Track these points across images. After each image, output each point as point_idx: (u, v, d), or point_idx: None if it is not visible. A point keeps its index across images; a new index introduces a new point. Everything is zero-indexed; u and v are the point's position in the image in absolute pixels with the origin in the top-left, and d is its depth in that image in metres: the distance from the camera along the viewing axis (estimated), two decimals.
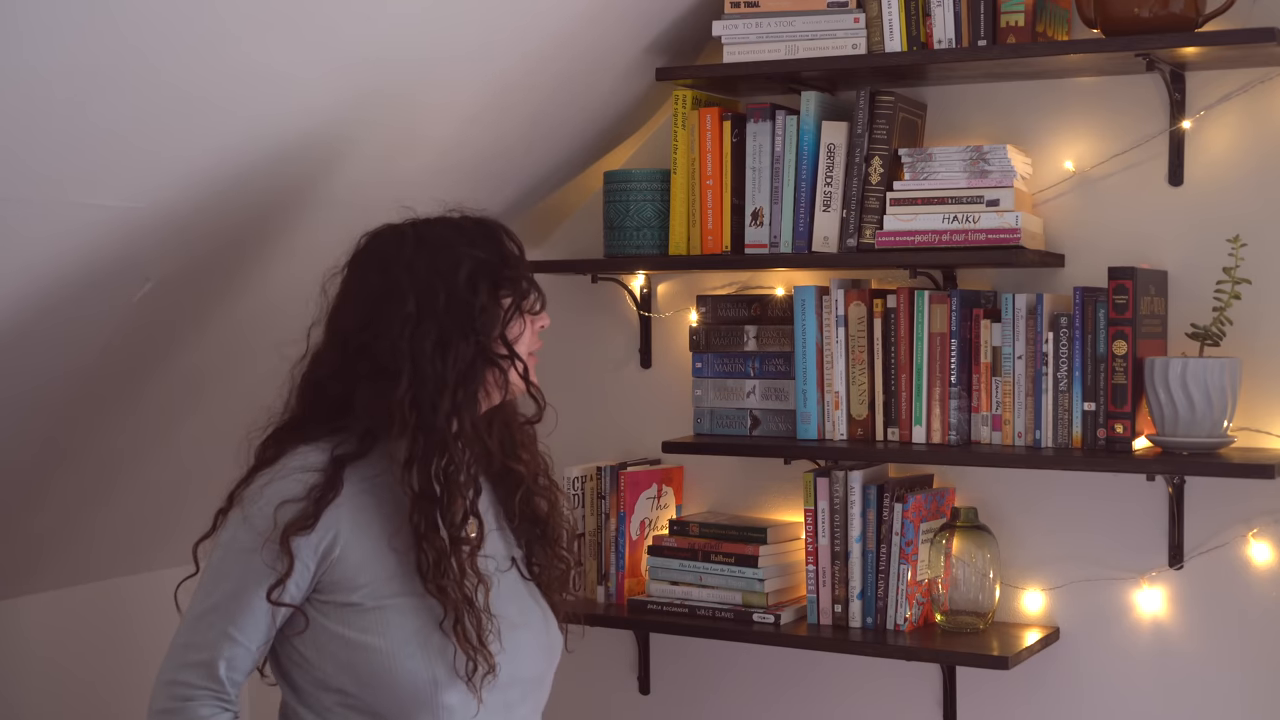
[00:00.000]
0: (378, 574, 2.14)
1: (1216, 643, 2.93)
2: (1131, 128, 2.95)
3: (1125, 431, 2.79)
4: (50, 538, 2.97)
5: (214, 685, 2.09)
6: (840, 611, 3.03)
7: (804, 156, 3.00)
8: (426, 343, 2.14)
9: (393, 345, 2.14)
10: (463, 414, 2.16)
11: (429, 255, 2.18)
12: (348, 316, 2.20)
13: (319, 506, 2.10)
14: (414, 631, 2.13)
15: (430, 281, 2.16)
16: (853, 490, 3.01)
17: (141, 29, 2.08)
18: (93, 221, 2.33)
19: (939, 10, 2.88)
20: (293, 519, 2.09)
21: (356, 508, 2.14)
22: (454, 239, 2.20)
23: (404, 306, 2.15)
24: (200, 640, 2.10)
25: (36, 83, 2.04)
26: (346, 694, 2.13)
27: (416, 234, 2.21)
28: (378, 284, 2.18)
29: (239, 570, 2.10)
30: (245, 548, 2.10)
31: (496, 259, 2.21)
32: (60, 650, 3.13)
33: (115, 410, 2.78)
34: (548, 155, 3.16)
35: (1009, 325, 2.90)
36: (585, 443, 3.37)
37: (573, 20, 2.78)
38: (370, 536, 2.14)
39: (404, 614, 2.13)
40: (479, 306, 2.17)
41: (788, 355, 3.10)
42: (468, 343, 2.15)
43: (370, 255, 2.22)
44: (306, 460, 2.14)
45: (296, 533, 2.09)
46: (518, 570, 2.31)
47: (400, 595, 2.14)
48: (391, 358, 2.14)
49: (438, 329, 2.15)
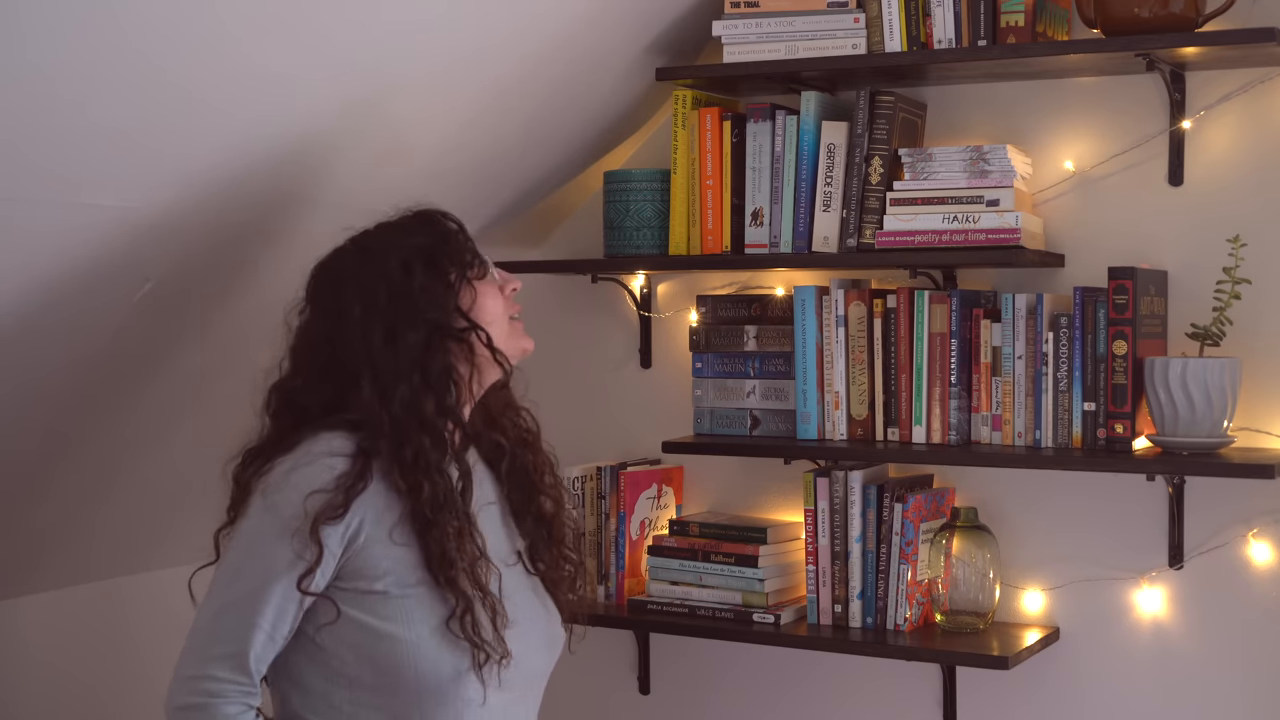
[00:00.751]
0: (401, 562, 2.13)
1: (1216, 643, 2.93)
2: (1131, 128, 2.95)
3: (1125, 431, 2.79)
4: (50, 537, 2.97)
5: (243, 679, 2.05)
6: (840, 611, 3.03)
7: (804, 156, 3.00)
8: (375, 338, 2.16)
9: (349, 351, 2.17)
10: (425, 398, 2.16)
11: (367, 260, 2.22)
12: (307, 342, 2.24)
13: (349, 496, 2.09)
14: (437, 622, 2.12)
15: (371, 283, 2.19)
16: (853, 490, 3.01)
17: (144, 29, 2.08)
18: (93, 221, 2.33)
19: (939, 10, 2.88)
20: (322, 507, 2.07)
21: (379, 495, 2.13)
22: (390, 237, 2.24)
23: (351, 314, 2.18)
24: (227, 632, 2.06)
25: (39, 81, 2.03)
26: (361, 686, 2.12)
27: (356, 246, 2.25)
28: (331, 301, 2.21)
29: (265, 559, 2.07)
30: (271, 536, 2.08)
31: (431, 240, 2.23)
32: (60, 650, 3.13)
33: (115, 410, 2.78)
34: (547, 156, 3.16)
35: (1009, 325, 2.90)
36: (585, 443, 3.37)
37: (572, 21, 2.78)
38: (391, 527, 2.14)
39: (426, 604, 2.13)
40: (418, 288, 2.18)
41: (788, 355, 3.10)
42: (416, 327, 2.17)
43: (321, 282, 2.25)
44: (331, 445, 2.13)
45: (326, 521, 2.07)
46: (523, 565, 2.31)
47: (423, 585, 2.13)
48: (352, 363, 2.17)
49: (383, 322, 2.17)
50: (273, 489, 2.10)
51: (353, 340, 2.17)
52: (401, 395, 2.14)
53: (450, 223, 2.28)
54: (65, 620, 3.13)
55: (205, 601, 2.11)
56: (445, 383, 2.19)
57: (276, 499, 2.09)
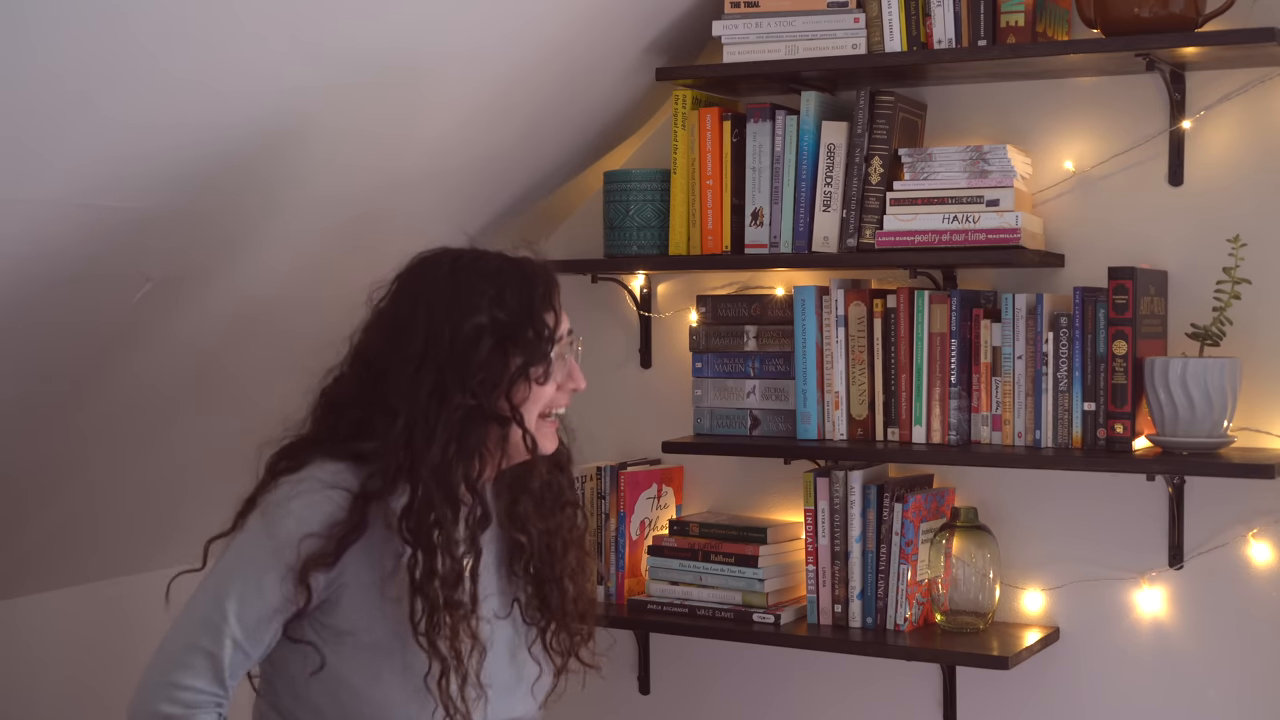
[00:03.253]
0: (374, 614, 2.08)
1: (1216, 643, 2.93)
2: (1131, 128, 2.95)
3: (1125, 431, 2.79)
4: (50, 538, 2.97)
5: (218, 690, 2.03)
6: (840, 611, 3.03)
7: (804, 156, 3.00)
8: (424, 387, 2.07)
9: (396, 382, 2.09)
10: (453, 469, 2.08)
11: (452, 294, 2.11)
12: (369, 340, 2.16)
13: (341, 546, 2.04)
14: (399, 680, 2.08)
15: (441, 324, 2.09)
16: (853, 490, 3.01)
17: (145, 29, 2.08)
18: (93, 221, 2.33)
19: (939, 10, 2.88)
20: (314, 554, 2.03)
21: (368, 543, 2.08)
22: (483, 283, 2.12)
23: (413, 344, 2.09)
24: (207, 642, 2.03)
25: (39, 82, 2.03)
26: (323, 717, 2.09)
27: (452, 268, 2.14)
28: (403, 312, 2.12)
29: (252, 579, 2.05)
30: (262, 558, 2.05)
31: (516, 315, 2.12)
32: (60, 650, 3.13)
33: (115, 410, 2.78)
34: (547, 155, 3.16)
35: (1009, 325, 2.90)
36: (585, 443, 3.33)
37: (572, 21, 2.78)
38: (374, 573, 2.08)
39: (393, 659, 2.08)
40: (478, 362, 2.09)
41: (788, 355, 3.10)
42: (464, 396, 2.08)
43: (406, 279, 2.16)
44: (337, 478, 2.08)
45: (316, 568, 2.04)
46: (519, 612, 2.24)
47: (394, 640, 2.08)
48: (395, 394, 2.09)
49: (436, 374, 2.08)
50: (273, 510, 2.07)
51: (402, 374, 2.08)
52: (432, 458, 2.06)
53: (548, 305, 2.15)
54: (65, 620, 3.13)
55: (189, 607, 2.08)
56: (473, 456, 2.11)
57: (275, 526, 2.06)
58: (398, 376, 2.09)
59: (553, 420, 2.21)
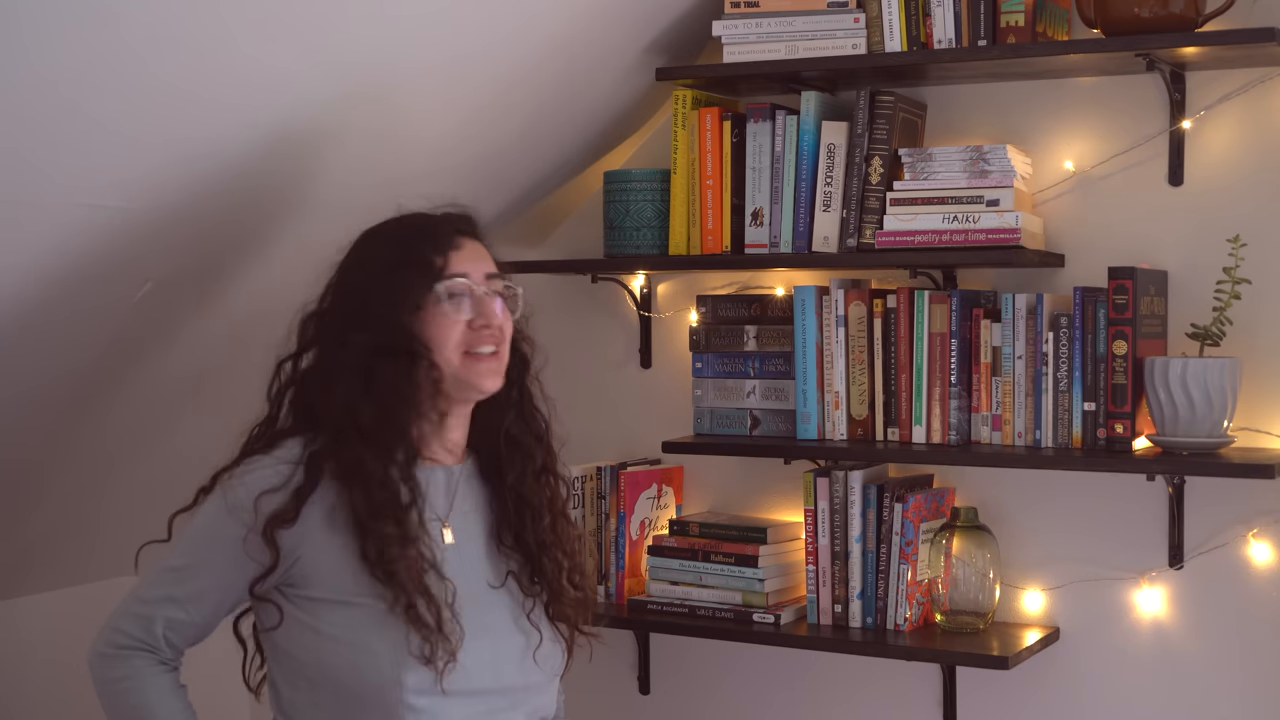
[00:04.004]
0: (344, 572, 2.12)
1: (1216, 643, 2.93)
2: (1131, 128, 2.95)
3: (1125, 431, 2.79)
4: (50, 538, 2.97)
5: (149, 641, 2.15)
6: (840, 611, 3.03)
7: (804, 156, 3.00)
8: (330, 335, 2.19)
9: (320, 347, 2.21)
10: (362, 407, 2.13)
11: (356, 256, 2.23)
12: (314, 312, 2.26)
13: (298, 500, 2.12)
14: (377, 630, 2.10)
15: (344, 283, 2.22)
16: (853, 490, 3.01)
17: (142, 30, 2.08)
18: (93, 221, 2.33)
19: (939, 10, 2.88)
20: (275, 511, 2.11)
21: (330, 505, 2.14)
22: (381, 238, 2.23)
23: (326, 308, 2.22)
24: (148, 595, 2.17)
25: (40, 82, 2.04)
26: (316, 690, 2.13)
27: (362, 235, 2.25)
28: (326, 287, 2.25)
29: (204, 548, 2.16)
30: (217, 529, 2.14)
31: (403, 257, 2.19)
32: (60, 650, 3.12)
33: (116, 410, 2.78)
34: (547, 155, 3.16)
35: (1009, 325, 2.90)
36: (585, 443, 3.36)
37: (572, 20, 2.78)
38: (339, 534, 2.13)
39: (369, 612, 2.11)
40: (369, 303, 2.17)
41: (788, 355, 3.10)
42: (363, 334, 2.15)
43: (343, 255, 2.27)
44: (290, 452, 2.16)
45: (280, 525, 2.10)
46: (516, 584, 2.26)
47: (366, 595, 2.11)
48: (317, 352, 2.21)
49: (340, 324, 2.18)
50: (231, 485, 2.16)
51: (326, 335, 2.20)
52: (340, 397, 2.14)
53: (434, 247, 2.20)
54: (65, 620, 3.13)
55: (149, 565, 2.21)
56: (389, 393, 2.15)
57: (230, 497, 2.15)
58: (321, 342, 2.21)
59: (486, 358, 2.21)
